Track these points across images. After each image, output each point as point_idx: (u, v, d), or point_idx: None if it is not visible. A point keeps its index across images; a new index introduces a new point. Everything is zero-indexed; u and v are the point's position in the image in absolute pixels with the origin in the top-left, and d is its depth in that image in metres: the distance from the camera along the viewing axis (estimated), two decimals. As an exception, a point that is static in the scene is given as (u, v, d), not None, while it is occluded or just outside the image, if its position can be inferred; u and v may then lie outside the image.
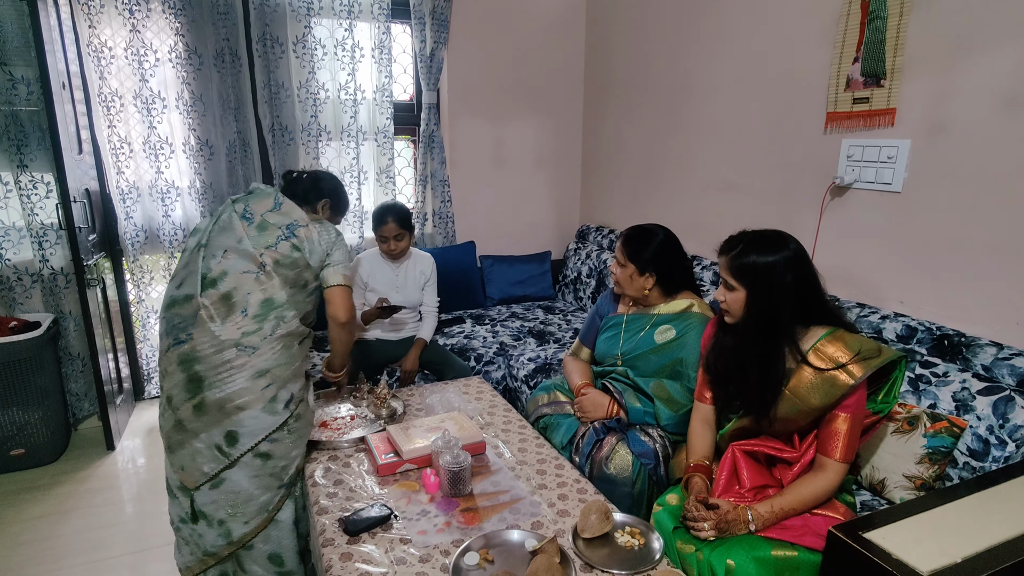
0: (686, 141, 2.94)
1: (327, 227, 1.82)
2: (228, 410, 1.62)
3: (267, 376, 1.65)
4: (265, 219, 1.75)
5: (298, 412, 1.73)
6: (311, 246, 1.75)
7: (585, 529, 1.44)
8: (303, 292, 1.76)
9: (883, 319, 1.97)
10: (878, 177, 2.04)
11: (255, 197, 1.80)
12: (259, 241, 1.71)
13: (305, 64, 3.02)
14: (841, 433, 1.44)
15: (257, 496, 1.68)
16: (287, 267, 1.71)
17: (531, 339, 2.96)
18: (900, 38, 1.92)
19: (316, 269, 1.77)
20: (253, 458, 1.66)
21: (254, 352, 1.64)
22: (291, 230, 1.74)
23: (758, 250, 1.48)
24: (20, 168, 2.67)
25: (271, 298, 1.67)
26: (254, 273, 1.68)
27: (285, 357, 1.69)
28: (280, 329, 1.68)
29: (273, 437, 1.67)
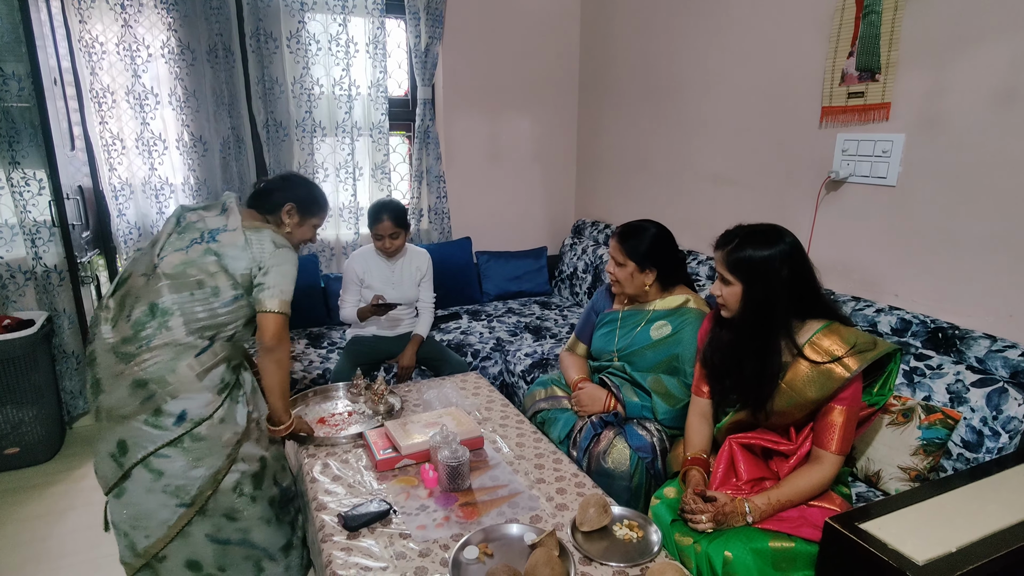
0: (681, 135, 2.94)
1: (268, 240, 1.64)
2: (115, 418, 1.54)
3: (147, 387, 1.52)
4: (192, 222, 1.65)
5: (198, 432, 1.56)
6: (234, 252, 1.60)
7: (584, 522, 1.45)
8: (204, 299, 1.57)
9: (878, 312, 1.98)
10: (873, 171, 2.05)
11: (211, 206, 1.71)
12: (173, 244, 1.61)
13: (299, 59, 3.00)
14: (837, 425, 1.45)
15: (155, 512, 1.56)
16: (187, 270, 1.57)
17: (528, 334, 2.97)
18: (895, 32, 1.93)
19: (237, 279, 1.60)
20: (145, 472, 1.54)
21: (131, 360, 1.52)
22: (212, 235, 1.61)
23: (754, 244, 1.49)
24: (12, 165, 2.65)
25: (154, 303, 1.54)
26: (146, 277, 1.58)
27: (168, 369, 1.53)
28: (160, 338, 1.53)
29: (163, 453, 1.53)
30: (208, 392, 1.59)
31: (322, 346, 2.79)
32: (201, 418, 1.57)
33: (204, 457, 1.57)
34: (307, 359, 2.66)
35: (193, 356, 1.56)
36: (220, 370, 1.62)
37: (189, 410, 1.56)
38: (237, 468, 1.63)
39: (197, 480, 1.57)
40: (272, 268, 1.62)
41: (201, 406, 1.57)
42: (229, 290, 1.60)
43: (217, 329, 1.60)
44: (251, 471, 1.67)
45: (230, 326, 1.63)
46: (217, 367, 1.61)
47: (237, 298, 1.61)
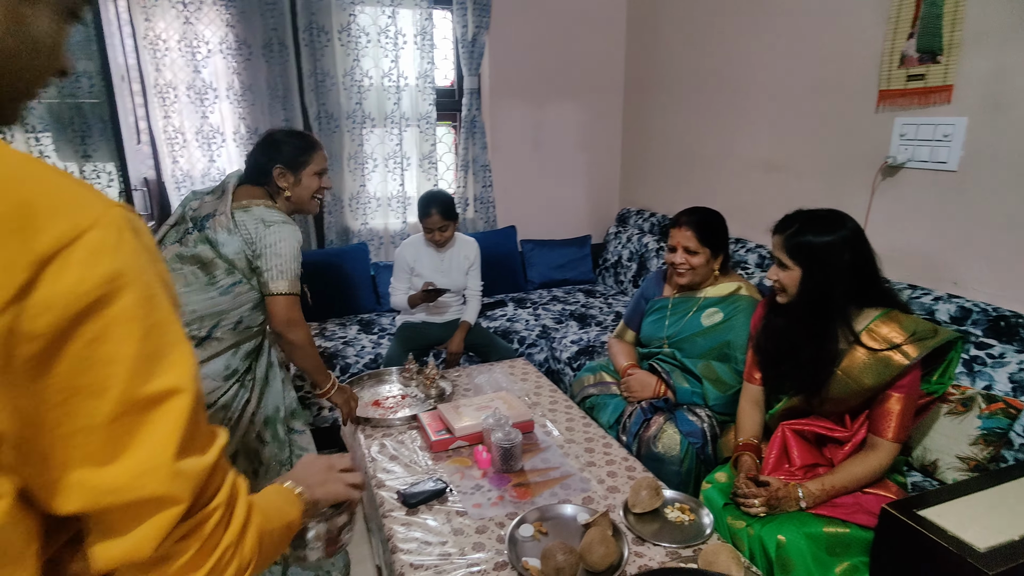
0: (730, 121, 2.91)
1: (257, 219, 1.58)
2: None
3: None
4: (192, 209, 1.64)
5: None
6: (224, 237, 1.55)
7: (636, 504, 1.47)
8: (199, 290, 1.56)
9: (936, 300, 1.94)
10: (932, 156, 2.00)
11: (215, 189, 1.68)
12: (171, 236, 1.62)
13: (350, 52, 3.07)
14: (894, 413, 1.44)
15: None
16: (181, 262, 1.56)
17: (573, 322, 2.99)
18: (958, 12, 1.87)
19: (233, 262, 1.56)
20: None
21: None
22: (203, 222, 1.59)
23: (814, 229, 1.48)
24: (84, 158, 2.79)
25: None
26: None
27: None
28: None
29: None
30: (210, 380, 1.57)
31: (373, 332, 2.88)
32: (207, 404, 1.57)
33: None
34: (359, 344, 2.75)
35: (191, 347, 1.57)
36: (225, 357, 1.61)
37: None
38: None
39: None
40: (265, 250, 1.57)
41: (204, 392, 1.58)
42: (225, 276, 1.56)
43: (217, 317, 1.57)
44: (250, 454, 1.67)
45: (232, 312, 1.59)
46: (221, 355, 1.60)
47: (235, 283, 1.57)
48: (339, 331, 2.89)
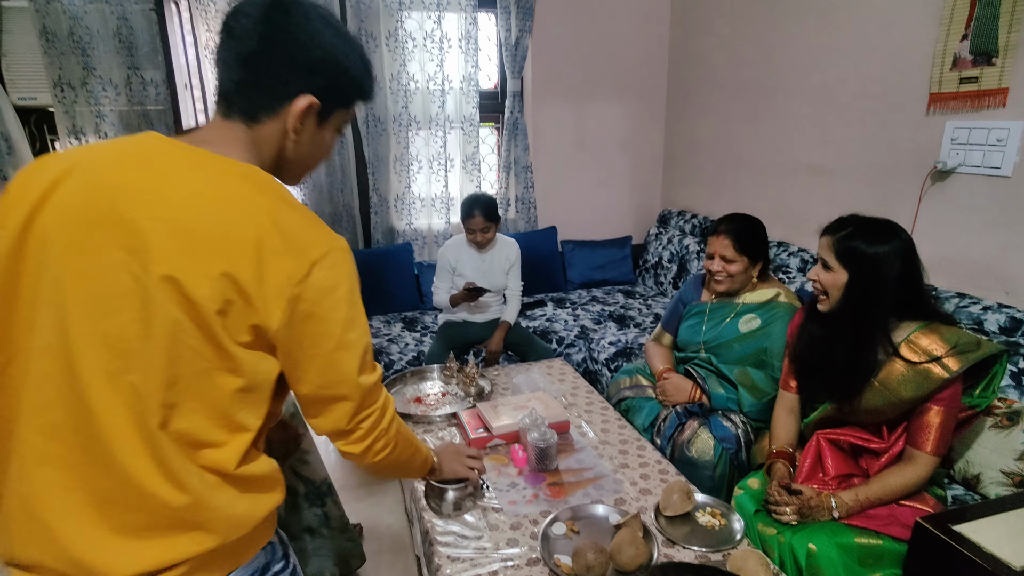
0: (774, 123, 2.87)
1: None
2: None
3: None
4: None
5: None
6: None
7: (667, 507, 1.50)
8: None
9: (985, 310, 1.89)
10: (985, 161, 1.94)
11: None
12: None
13: (396, 57, 3.16)
14: (934, 426, 1.43)
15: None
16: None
17: (611, 323, 3.02)
18: (1016, 12, 1.81)
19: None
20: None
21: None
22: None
23: (868, 236, 1.46)
24: (150, 162, 2.98)
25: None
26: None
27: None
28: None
29: None
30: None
31: (416, 330, 2.97)
32: None
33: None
34: (403, 342, 2.84)
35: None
36: None
37: None
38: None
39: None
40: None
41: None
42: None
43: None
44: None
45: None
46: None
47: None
48: (383, 328, 2.99)
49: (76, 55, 2.78)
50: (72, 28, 2.75)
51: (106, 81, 2.85)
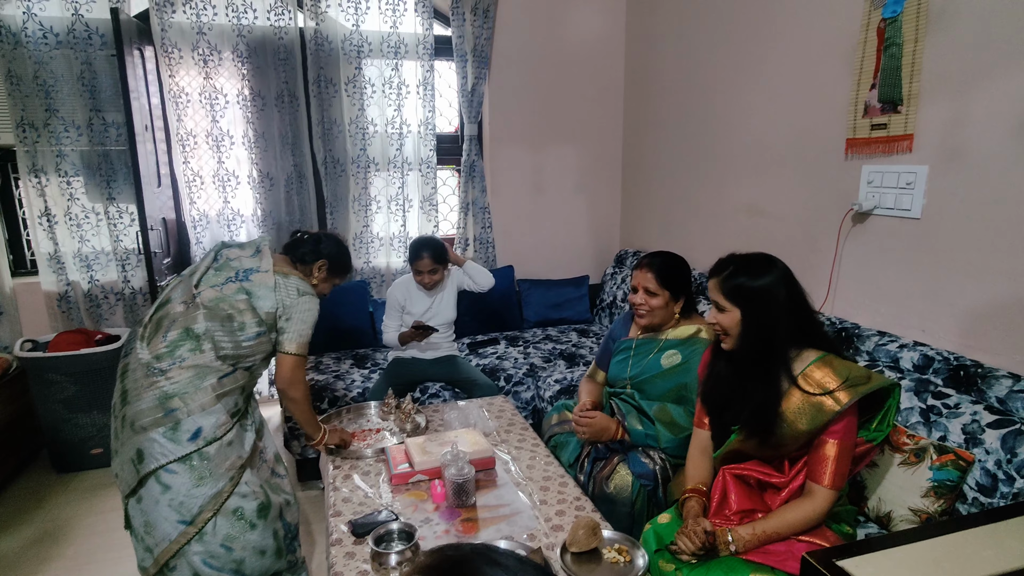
0: (719, 166, 2.96)
1: (294, 288, 1.81)
2: (136, 428, 1.63)
3: (171, 401, 1.64)
4: (229, 261, 1.81)
5: (207, 451, 1.65)
6: (263, 292, 1.75)
7: (573, 543, 1.50)
8: (231, 332, 1.72)
9: (901, 348, 1.93)
10: (897, 203, 2.01)
11: (247, 246, 1.88)
12: (209, 279, 1.76)
13: (355, 102, 3.27)
14: (830, 458, 1.44)
15: (160, 524, 1.64)
16: (220, 304, 1.72)
17: (561, 361, 3.04)
18: (916, 64, 1.91)
19: (262, 316, 1.75)
20: (155, 483, 1.63)
21: (162, 375, 1.65)
22: (247, 274, 1.77)
23: (749, 271, 1.51)
24: (109, 200, 3.05)
25: (190, 328, 1.69)
26: (184, 304, 1.73)
27: (193, 387, 1.66)
28: (192, 359, 1.67)
29: (171, 468, 1.62)
30: (223, 413, 1.70)
31: (365, 367, 2.98)
32: (214, 437, 1.67)
33: (206, 477, 1.65)
34: (350, 378, 2.85)
35: (217, 378, 1.70)
36: (236, 396, 1.76)
37: (204, 428, 1.65)
38: (239, 492, 1.71)
39: (198, 499, 1.64)
40: (295, 315, 1.79)
41: (215, 426, 1.67)
42: (253, 326, 1.74)
43: (239, 359, 1.74)
44: (255, 500, 1.74)
45: (250, 358, 1.77)
46: (234, 392, 1.75)
47: (259, 334, 1.76)
48: (333, 364, 3.00)
49: (40, 97, 2.88)
50: (37, 72, 2.86)
51: (68, 122, 2.94)
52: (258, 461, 1.83)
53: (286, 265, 1.89)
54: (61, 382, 2.80)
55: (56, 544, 2.40)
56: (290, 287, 1.81)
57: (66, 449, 2.90)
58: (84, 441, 2.90)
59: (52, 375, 2.78)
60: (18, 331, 3.08)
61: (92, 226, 3.07)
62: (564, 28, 3.58)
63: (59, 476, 2.90)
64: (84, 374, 2.82)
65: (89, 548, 2.37)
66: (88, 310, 3.12)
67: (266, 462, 1.88)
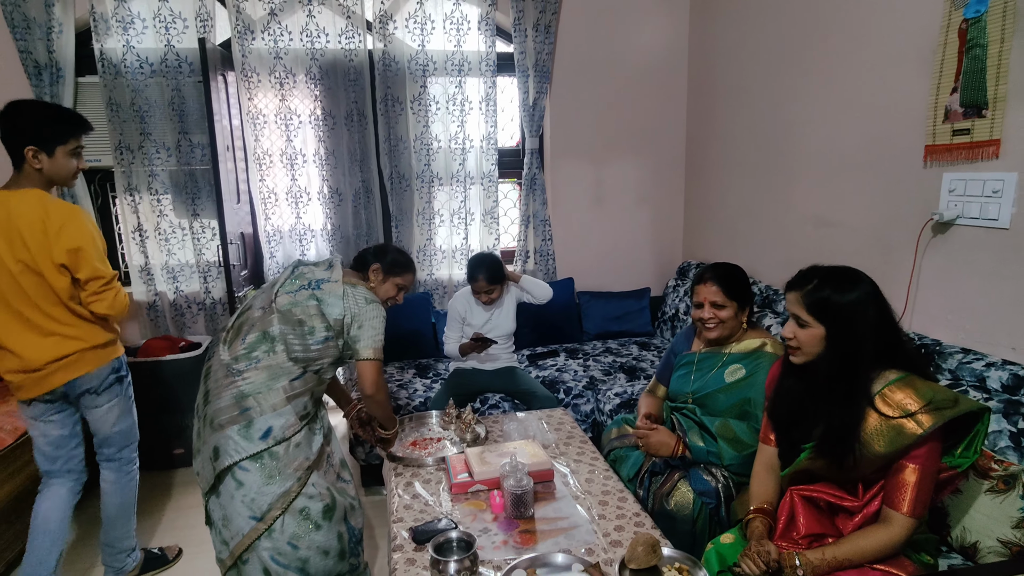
0: (785, 176, 2.87)
1: (362, 296, 1.87)
2: (215, 425, 1.73)
3: (247, 400, 1.72)
4: (303, 272, 1.91)
5: (276, 450, 1.73)
6: (332, 299, 1.82)
7: (632, 560, 1.48)
8: (301, 336, 1.78)
9: (988, 367, 1.80)
10: (983, 212, 1.89)
11: (321, 262, 1.98)
12: (286, 288, 1.85)
13: (420, 119, 3.38)
14: (909, 484, 1.36)
15: (234, 518, 1.73)
16: (293, 309, 1.80)
17: (621, 374, 3.00)
18: (1002, 66, 1.80)
19: (331, 322, 1.81)
20: (230, 479, 1.72)
21: (239, 375, 1.74)
22: (318, 283, 1.85)
23: (835, 285, 1.44)
24: (193, 216, 3.26)
25: (267, 331, 1.78)
26: (262, 310, 1.83)
27: (266, 387, 1.74)
28: (267, 360, 1.75)
29: (244, 465, 1.71)
30: (292, 415, 1.77)
31: (428, 376, 3.04)
32: (283, 437, 1.74)
33: (275, 476, 1.73)
34: (412, 387, 2.92)
35: (288, 380, 1.77)
36: (305, 399, 1.82)
37: (274, 428, 1.73)
38: (306, 493, 1.77)
39: (268, 496, 1.72)
40: (365, 322, 1.84)
41: (285, 426, 1.75)
42: (322, 331, 1.80)
43: (308, 362, 1.81)
44: (321, 502, 1.80)
45: (318, 361, 1.83)
46: (304, 395, 1.81)
47: (327, 339, 1.81)
48: (396, 374, 3.08)
49: (135, 122, 3.12)
50: (133, 99, 3.10)
51: (159, 144, 3.18)
52: (325, 464, 1.90)
53: (354, 277, 1.98)
54: (148, 385, 2.99)
55: (141, 536, 2.56)
56: (358, 296, 1.87)
57: (151, 449, 3.09)
58: (167, 442, 3.09)
59: (140, 378, 2.98)
60: (112, 337, 3.33)
61: (178, 240, 3.29)
62: (625, 41, 3.58)
63: (145, 474, 3.10)
64: (169, 378, 3.02)
65: (167, 540, 2.52)
66: (173, 319, 3.34)
67: (332, 466, 1.95)
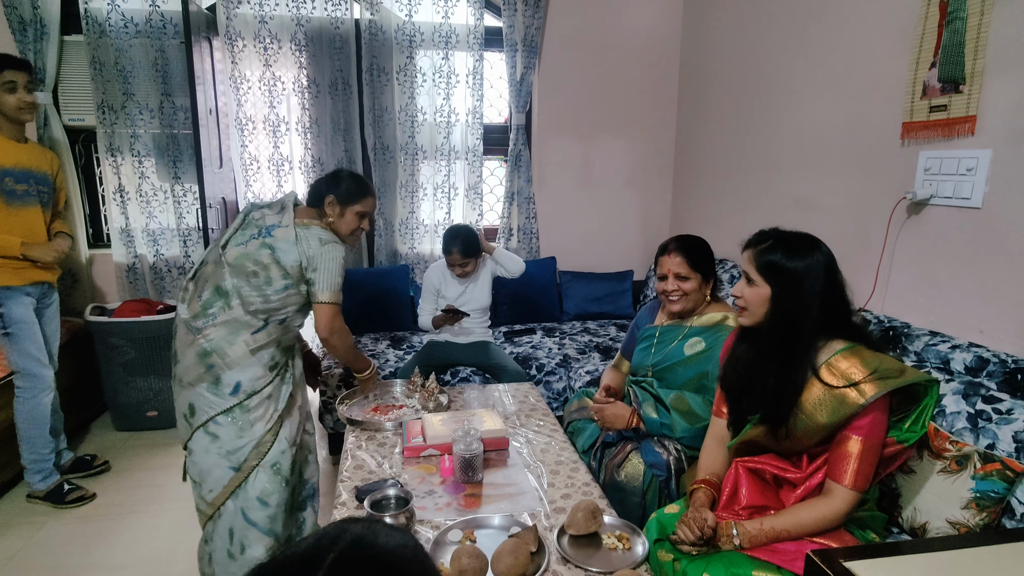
0: (771, 159, 2.81)
1: (315, 237, 1.79)
2: (184, 384, 1.75)
3: (210, 357, 1.72)
4: (254, 219, 1.84)
5: (247, 403, 1.75)
6: (285, 246, 1.75)
7: (571, 525, 1.46)
8: (258, 287, 1.74)
9: (954, 348, 1.76)
10: (956, 191, 1.84)
11: (274, 204, 1.89)
12: (236, 239, 1.80)
13: (406, 90, 3.34)
14: (852, 456, 1.33)
15: (212, 470, 1.75)
16: (244, 262, 1.74)
17: (596, 354, 2.97)
18: (981, 39, 1.74)
19: (288, 269, 1.76)
20: (204, 434, 1.74)
21: (199, 332, 1.72)
22: (269, 230, 1.78)
23: (789, 249, 1.40)
24: (175, 179, 3.25)
25: (219, 285, 1.74)
26: (215, 265, 1.78)
27: (227, 342, 1.73)
28: (223, 315, 1.73)
29: (218, 420, 1.73)
30: (259, 367, 1.77)
31: (401, 348, 3.03)
32: (254, 390, 1.76)
33: (247, 428, 1.75)
34: (384, 358, 2.90)
35: (249, 333, 1.76)
36: (272, 350, 1.81)
37: (243, 382, 1.74)
38: (278, 446, 1.80)
39: (244, 447, 1.75)
40: (320, 265, 1.79)
41: (253, 379, 1.76)
42: (280, 279, 1.76)
43: (269, 313, 1.78)
44: (289, 453, 1.83)
45: (281, 311, 1.80)
46: (269, 346, 1.80)
47: (287, 287, 1.77)
48: (370, 344, 3.07)
49: (119, 82, 3.11)
50: (117, 59, 3.08)
51: (143, 106, 3.16)
52: (295, 412, 1.90)
53: (308, 216, 1.88)
54: (123, 346, 3.00)
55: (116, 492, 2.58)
56: (311, 238, 1.79)
57: (125, 410, 3.10)
58: (141, 404, 3.09)
59: (115, 339, 2.99)
60: (90, 298, 3.33)
61: (160, 203, 3.28)
62: (617, 19, 3.52)
63: (118, 434, 3.11)
64: (143, 340, 3.01)
65: (132, 499, 2.53)
66: (152, 282, 3.34)
67: (300, 417, 1.94)
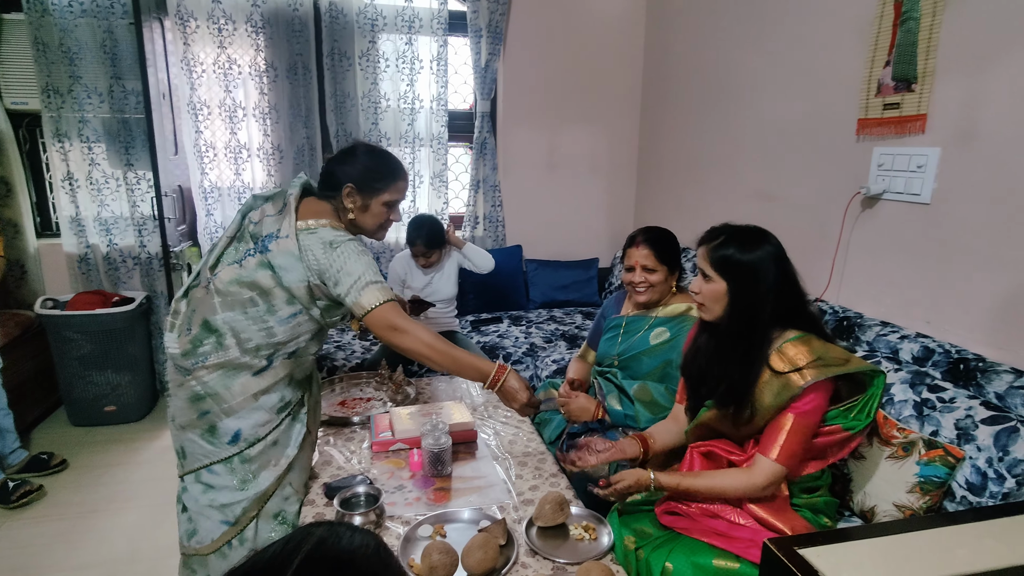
0: (733, 150, 2.87)
1: (318, 243, 1.42)
2: (175, 424, 1.51)
3: (203, 403, 1.45)
4: (251, 222, 1.50)
5: (248, 453, 1.48)
6: (287, 263, 1.41)
7: (539, 517, 1.49)
8: (257, 318, 1.43)
9: (902, 339, 1.84)
10: (907, 187, 1.91)
11: (276, 197, 1.52)
12: (229, 252, 1.49)
13: (368, 76, 3.27)
14: (782, 430, 1.38)
15: (203, 521, 1.51)
16: (238, 287, 1.43)
17: (562, 342, 3.01)
18: (932, 40, 1.80)
19: (294, 292, 1.43)
20: (195, 483, 1.50)
21: (188, 374, 1.44)
22: (265, 243, 1.43)
23: (740, 244, 1.45)
24: (127, 166, 3.13)
25: (208, 320, 1.43)
26: (204, 289, 1.47)
27: (222, 387, 1.44)
28: (215, 357, 1.43)
29: (214, 469, 1.48)
30: (264, 412, 1.49)
31: (368, 338, 3.01)
32: (255, 438, 1.48)
33: (249, 480, 1.50)
34: (350, 348, 2.88)
35: (250, 375, 1.45)
36: (280, 390, 1.51)
37: (243, 430, 1.47)
38: (282, 494, 1.56)
39: (243, 501, 1.50)
40: (337, 272, 1.41)
41: (256, 425, 1.48)
42: (285, 306, 1.44)
43: (274, 348, 1.46)
44: (297, 502, 1.60)
45: (290, 343, 1.48)
46: (276, 387, 1.50)
47: (295, 315, 1.45)
48: (335, 335, 3.04)
49: (64, 64, 2.96)
50: (62, 40, 2.93)
51: (91, 89, 3.02)
52: (306, 450, 1.63)
53: (314, 210, 1.49)
54: (77, 340, 2.90)
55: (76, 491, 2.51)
56: (315, 247, 1.41)
57: (82, 405, 3.01)
58: (99, 398, 3.01)
59: (69, 333, 2.89)
60: (41, 290, 3.20)
61: (112, 191, 3.16)
62: (582, 6, 3.51)
63: (75, 430, 3.03)
64: (99, 333, 2.92)
65: (92, 498, 2.47)
66: (107, 272, 3.22)
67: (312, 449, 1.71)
